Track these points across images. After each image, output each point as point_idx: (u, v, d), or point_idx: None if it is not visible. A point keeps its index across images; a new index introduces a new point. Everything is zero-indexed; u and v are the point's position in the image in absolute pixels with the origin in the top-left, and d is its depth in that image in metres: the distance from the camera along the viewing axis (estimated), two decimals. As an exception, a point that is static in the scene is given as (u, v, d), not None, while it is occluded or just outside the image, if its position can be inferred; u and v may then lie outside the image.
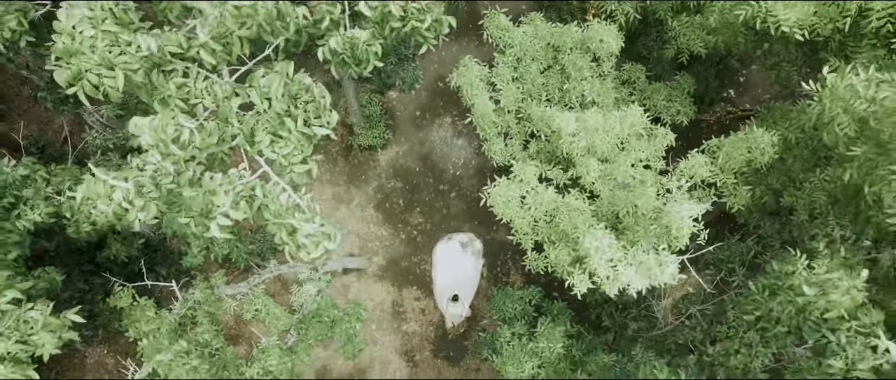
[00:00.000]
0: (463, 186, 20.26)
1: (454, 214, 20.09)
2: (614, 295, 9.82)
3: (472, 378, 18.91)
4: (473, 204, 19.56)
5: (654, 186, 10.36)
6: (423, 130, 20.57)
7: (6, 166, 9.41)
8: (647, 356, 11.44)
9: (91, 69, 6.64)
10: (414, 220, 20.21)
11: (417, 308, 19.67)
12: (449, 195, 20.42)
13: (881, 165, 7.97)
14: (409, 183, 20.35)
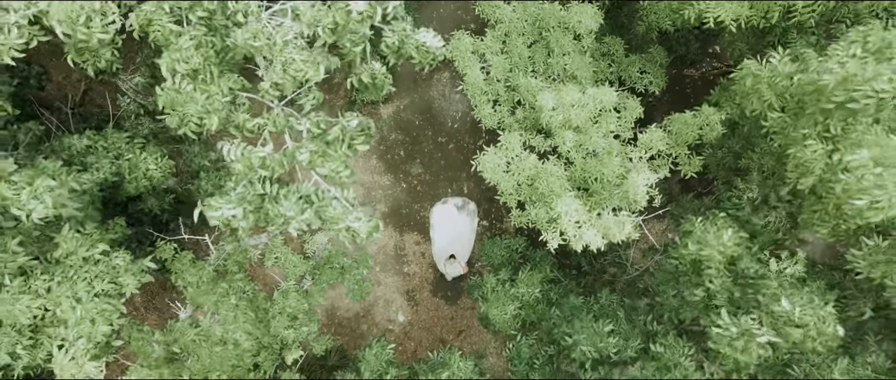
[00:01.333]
0: (460, 139, 22.48)
1: (452, 165, 22.40)
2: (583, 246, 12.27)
3: (466, 319, 21.66)
4: (470, 155, 21.81)
5: (619, 156, 12.67)
6: (422, 86, 22.63)
7: (75, 139, 11.73)
8: (610, 298, 13.99)
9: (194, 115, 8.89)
10: (414, 170, 22.55)
11: (417, 252, 22.25)
12: (447, 147, 22.68)
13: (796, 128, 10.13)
14: (409, 135, 22.56)
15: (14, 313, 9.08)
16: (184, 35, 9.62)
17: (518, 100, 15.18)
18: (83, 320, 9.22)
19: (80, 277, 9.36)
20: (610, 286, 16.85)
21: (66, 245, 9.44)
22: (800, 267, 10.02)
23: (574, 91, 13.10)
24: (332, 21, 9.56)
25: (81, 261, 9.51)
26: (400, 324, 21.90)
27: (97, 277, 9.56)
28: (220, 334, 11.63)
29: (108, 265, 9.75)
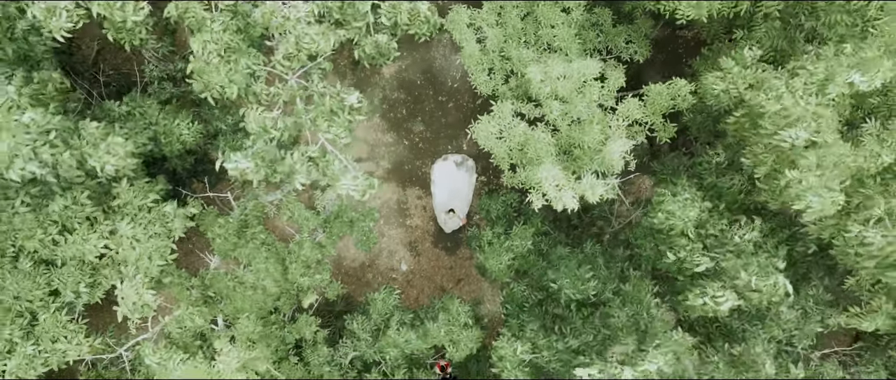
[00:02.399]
0: (460, 98, 24.46)
1: (452, 123, 24.44)
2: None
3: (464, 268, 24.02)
4: (469, 114, 23.83)
5: (600, 125, 14.73)
6: (423, 47, 24.48)
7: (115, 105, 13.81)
8: (594, 249, 16.25)
9: (217, 84, 10.93)
10: (416, 128, 24.61)
11: (419, 205, 24.50)
12: (447, 106, 24.68)
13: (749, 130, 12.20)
14: (411, 94, 24.52)
15: (83, 251, 11.36)
16: (215, 21, 11.64)
17: (511, 69, 17.13)
18: (141, 257, 11.51)
19: (136, 222, 11.62)
20: (597, 238, 19.13)
21: (125, 196, 11.71)
22: (756, 234, 12.22)
23: (560, 64, 15.06)
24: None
25: (137, 209, 11.77)
26: (403, 273, 24.32)
27: (150, 222, 11.82)
28: (251, 280, 13.95)
29: (159, 212, 12.01)
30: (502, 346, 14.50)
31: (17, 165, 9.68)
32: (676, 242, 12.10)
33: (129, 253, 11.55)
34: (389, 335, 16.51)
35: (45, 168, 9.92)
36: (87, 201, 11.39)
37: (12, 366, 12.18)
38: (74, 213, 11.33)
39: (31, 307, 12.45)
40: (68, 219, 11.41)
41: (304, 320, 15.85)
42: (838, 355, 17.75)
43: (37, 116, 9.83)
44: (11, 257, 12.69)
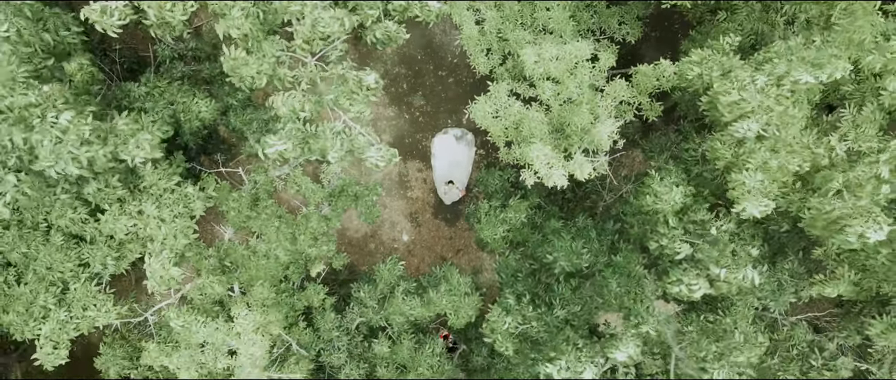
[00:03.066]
0: (459, 73, 25.68)
1: (452, 98, 25.71)
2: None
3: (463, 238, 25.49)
4: (468, 88, 25.10)
5: (589, 105, 16.01)
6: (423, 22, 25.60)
7: (136, 86, 15.10)
8: (586, 222, 17.63)
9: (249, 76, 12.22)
10: (417, 102, 25.89)
11: (420, 178, 25.89)
12: (447, 80, 25.92)
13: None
14: (412, 69, 25.74)
15: (114, 230, 12.79)
16: (235, 7, 12.88)
17: (508, 50, 18.36)
18: (168, 236, 12.94)
19: (162, 203, 13.03)
20: (590, 211, 20.52)
21: (150, 178, 13.10)
22: (732, 225, 13.60)
23: (553, 47, 16.29)
24: None
25: (161, 190, 13.17)
26: (404, 243, 25.81)
27: (174, 202, 13.22)
28: (264, 250, 15.39)
29: (181, 193, 13.42)
30: (494, 319, 15.94)
31: (58, 166, 11.10)
32: (660, 229, 13.48)
33: (155, 232, 12.98)
34: (396, 303, 17.95)
35: (82, 167, 11.30)
36: (118, 184, 12.80)
37: (47, 330, 13.69)
38: (106, 194, 12.72)
39: (62, 277, 13.92)
40: (101, 200, 12.81)
41: (312, 289, 17.33)
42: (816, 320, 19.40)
43: (73, 118, 11.17)
44: (43, 231, 14.12)
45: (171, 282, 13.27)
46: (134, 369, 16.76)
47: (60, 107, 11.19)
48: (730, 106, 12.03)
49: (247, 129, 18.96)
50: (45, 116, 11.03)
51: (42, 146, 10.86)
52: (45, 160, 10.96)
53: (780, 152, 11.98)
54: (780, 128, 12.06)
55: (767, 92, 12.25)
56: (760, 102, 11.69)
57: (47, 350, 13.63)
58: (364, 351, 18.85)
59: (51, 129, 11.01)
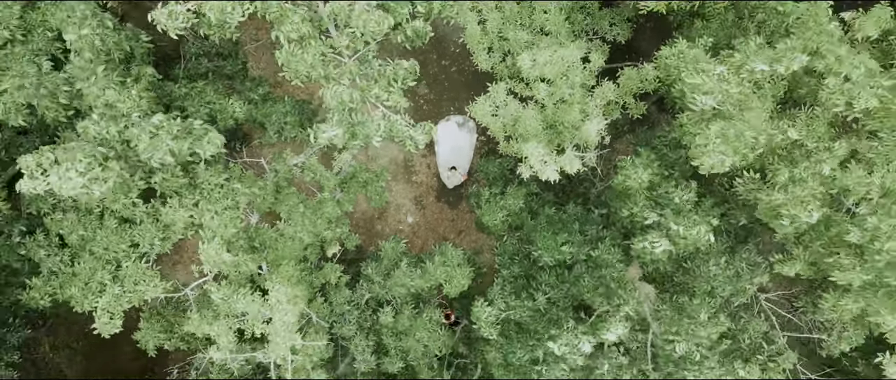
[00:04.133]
0: (462, 63, 28.28)
1: (454, 86, 28.36)
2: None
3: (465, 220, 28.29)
4: (470, 78, 27.72)
5: (580, 105, 18.71)
6: (428, 15, 28.17)
7: (176, 87, 17.76)
8: (576, 209, 20.40)
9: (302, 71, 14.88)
10: (421, 90, 28.53)
11: (424, 163, 28.63)
12: (450, 70, 28.56)
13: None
14: (416, 59, 28.27)
15: (174, 220, 15.59)
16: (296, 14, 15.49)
17: (508, 49, 21.00)
18: (220, 226, 15.74)
19: (213, 196, 15.82)
20: (582, 197, 23.30)
21: (203, 175, 15.86)
22: (692, 195, 16.38)
23: (547, 51, 18.94)
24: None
25: (212, 186, 15.95)
26: (409, 225, 28.63)
27: (223, 196, 16.00)
28: (291, 233, 18.20)
29: (229, 188, 16.18)
30: (479, 309, 18.66)
31: (156, 156, 13.96)
32: (632, 198, 16.30)
33: (209, 222, 15.77)
34: (397, 275, 20.74)
35: (170, 157, 14.12)
36: (180, 173, 15.61)
37: (103, 303, 16.52)
38: (170, 183, 15.54)
39: (116, 256, 16.72)
40: (166, 188, 15.64)
41: (329, 267, 20.17)
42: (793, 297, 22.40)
43: (163, 118, 14.03)
44: (97, 216, 16.90)
45: (223, 265, 16.10)
46: (168, 340, 19.65)
47: (145, 107, 14.01)
48: (692, 87, 14.71)
49: (267, 121, 21.73)
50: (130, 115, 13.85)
51: (140, 140, 13.69)
52: (145, 152, 13.82)
53: (736, 124, 14.65)
54: (737, 108, 14.78)
55: (727, 79, 14.86)
56: (717, 85, 14.36)
57: (105, 320, 16.47)
58: (373, 324, 21.72)
59: (146, 125, 13.84)
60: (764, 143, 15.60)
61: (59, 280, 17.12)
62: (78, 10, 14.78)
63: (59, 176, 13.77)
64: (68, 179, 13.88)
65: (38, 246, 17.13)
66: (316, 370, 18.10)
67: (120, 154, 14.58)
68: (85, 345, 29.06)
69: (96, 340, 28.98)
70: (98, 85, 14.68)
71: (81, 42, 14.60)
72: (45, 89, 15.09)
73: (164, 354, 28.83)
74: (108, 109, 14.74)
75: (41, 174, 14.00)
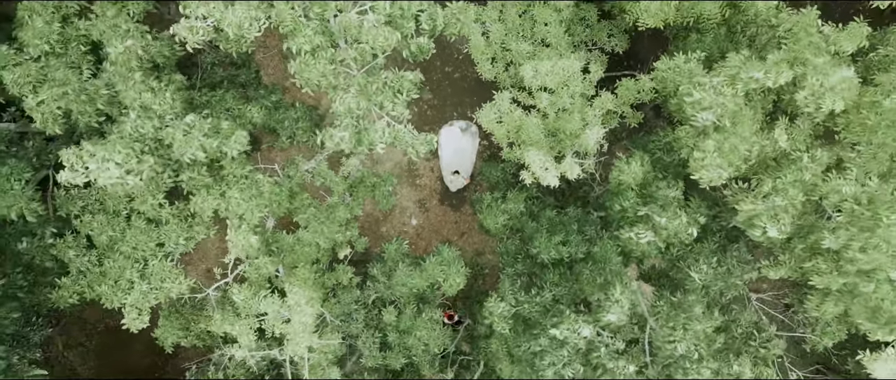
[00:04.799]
0: (465, 70, 29.88)
1: (458, 92, 29.95)
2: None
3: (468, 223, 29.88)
4: (473, 84, 29.30)
5: (580, 114, 20.28)
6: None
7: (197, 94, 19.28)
8: (576, 211, 21.97)
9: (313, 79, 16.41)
10: (425, 96, 30.12)
11: (427, 167, 30.21)
12: (454, 76, 30.15)
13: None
14: (420, 65, 29.90)
15: (203, 208, 17.16)
16: (309, 27, 17.02)
17: (511, 59, 22.58)
18: (246, 212, 17.30)
19: (239, 185, 17.40)
20: (583, 200, 24.89)
21: (229, 168, 17.43)
22: (678, 193, 17.99)
23: (548, 63, 20.49)
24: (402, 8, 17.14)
25: (238, 177, 17.53)
26: (413, 227, 30.21)
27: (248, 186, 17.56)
28: (308, 238, 19.75)
29: (253, 179, 17.74)
30: (491, 304, 20.23)
31: (188, 152, 15.58)
32: (624, 194, 17.93)
33: (237, 208, 17.36)
34: (398, 275, 22.26)
35: (202, 152, 15.73)
36: (206, 173, 17.18)
37: (132, 299, 18.05)
38: (196, 182, 17.12)
39: (144, 255, 18.25)
40: (192, 186, 17.22)
41: (341, 269, 21.74)
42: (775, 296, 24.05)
43: (195, 118, 15.64)
44: (125, 217, 18.44)
45: (251, 250, 17.71)
46: (185, 338, 21.17)
47: (177, 109, 15.67)
48: (693, 104, 16.29)
49: (279, 127, 23.27)
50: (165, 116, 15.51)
51: (174, 138, 15.32)
52: (179, 148, 15.42)
53: (730, 138, 16.23)
54: (732, 121, 16.35)
55: (723, 91, 16.41)
56: (715, 99, 15.92)
57: (133, 316, 18.02)
58: (378, 322, 23.24)
59: (180, 124, 15.46)
60: (755, 154, 17.18)
61: (87, 279, 18.63)
62: (121, 23, 16.42)
63: (98, 166, 15.34)
64: (106, 170, 15.45)
65: (67, 247, 18.64)
66: (331, 368, 19.63)
67: (152, 151, 16.15)
68: (97, 343, 30.61)
69: (108, 339, 30.68)
70: (136, 89, 16.27)
71: (123, 52, 16.20)
72: (85, 95, 16.65)
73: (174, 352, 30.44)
74: (143, 110, 16.30)
75: (81, 167, 15.56)
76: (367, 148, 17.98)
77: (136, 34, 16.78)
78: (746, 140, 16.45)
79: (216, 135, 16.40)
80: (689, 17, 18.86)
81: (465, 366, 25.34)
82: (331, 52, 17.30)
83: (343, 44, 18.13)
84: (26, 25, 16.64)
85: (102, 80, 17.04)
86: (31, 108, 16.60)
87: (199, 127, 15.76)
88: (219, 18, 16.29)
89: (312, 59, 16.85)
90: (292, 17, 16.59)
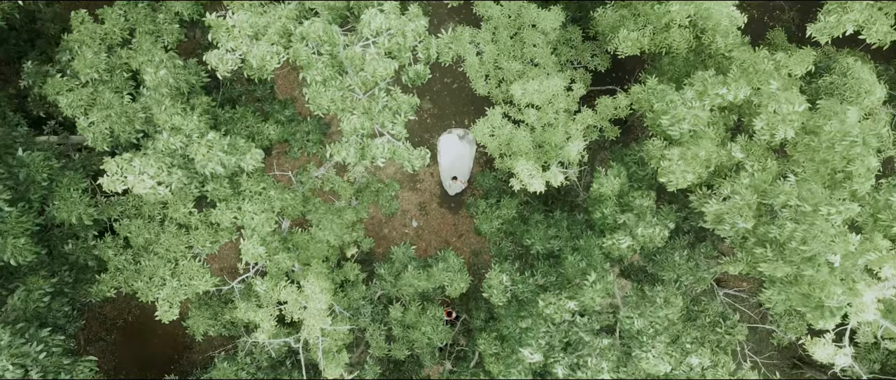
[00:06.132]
0: (463, 81, 33.24)
1: (456, 102, 33.31)
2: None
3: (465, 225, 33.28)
4: (470, 95, 32.67)
5: (563, 128, 23.63)
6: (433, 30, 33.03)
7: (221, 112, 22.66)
8: (562, 215, 25.35)
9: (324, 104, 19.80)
10: (426, 106, 33.48)
11: (427, 172, 33.60)
12: (452, 87, 33.51)
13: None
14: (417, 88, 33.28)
15: (222, 219, 20.56)
16: (319, 61, 20.38)
17: (502, 77, 25.93)
18: (257, 225, 20.68)
19: (253, 201, 20.77)
20: (569, 205, 28.28)
21: (245, 184, 20.82)
22: (651, 202, 21.34)
23: (535, 83, 23.84)
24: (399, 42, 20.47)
25: (251, 192, 20.90)
26: (414, 228, 33.61)
27: (261, 201, 20.94)
28: (320, 236, 23.17)
29: (266, 195, 21.11)
30: (492, 276, 23.61)
31: (209, 166, 18.92)
32: (604, 203, 21.30)
33: (249, 222, 20.73)
34: (407, 277, 25.67)
35: (221, 167, 19.10)
36: (227, 184, 20.56)
37: (164, 294, 21.46)
38: (219, 193, 20.51)
39: (175, 256, 21.67)
40: (215, 196, 20.61)
41: (349, 266, 25.15)
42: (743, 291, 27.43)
43: (216, 136, 18.97)
44: (158, 221, 21.85)
45: (259, 258, 21.07)
46: (212, 327, 24.59)
47: (203, 129, 19.02)
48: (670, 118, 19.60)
49: (292, 139, 26.66)
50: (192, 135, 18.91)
51: (198, 153, 18.70)
52: (201, 162, 18.79)
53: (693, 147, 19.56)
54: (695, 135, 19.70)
55: (692, 104, 19.69)
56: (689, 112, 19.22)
57: (165, 308, 21.42)
58: (384, 317, 26.65)
59: (203, 142, 18.82)
60: (715, 162, 20.49)
61: (124, 276, 22.04)
62: (156, 54, 19.82)
63: (135, 176, 18.72)
64: (142, 180, 18.85)
65: (107, 247, 22.04)
66: (341, 352, 23.08)
67: (181, 166, 19.57)
68: (116, 337, 34.10)
69: (127, 333, 34.19)
70: (167, 112, 19.63)
71: (157, 80, 19.59)
72: (125, 117, 20.04)
73: (188, 346, 33.99)
74: (174, 131, 19.67)
75: (120, 176, 18.94)
76: (370, 162, 21.40)
77: (169, 63, 20.18)
78: (707, 150, 19.76)
79: (235, 152, 19.79)
80: (661, 47, 22.19)
81: (461, 357, 28.76)
82: (339, 80, 20.69)
83: (350, 71, 21.54)
84: (79, 56, 20.05)
85: (140, 104, 20.44)
86: (83, 128, 20.04)
87: (219, 144, 19.11)
88: (245, 52, 19.70)
89: (323, 88, 20.24)
90: (306, 53, 19.97)
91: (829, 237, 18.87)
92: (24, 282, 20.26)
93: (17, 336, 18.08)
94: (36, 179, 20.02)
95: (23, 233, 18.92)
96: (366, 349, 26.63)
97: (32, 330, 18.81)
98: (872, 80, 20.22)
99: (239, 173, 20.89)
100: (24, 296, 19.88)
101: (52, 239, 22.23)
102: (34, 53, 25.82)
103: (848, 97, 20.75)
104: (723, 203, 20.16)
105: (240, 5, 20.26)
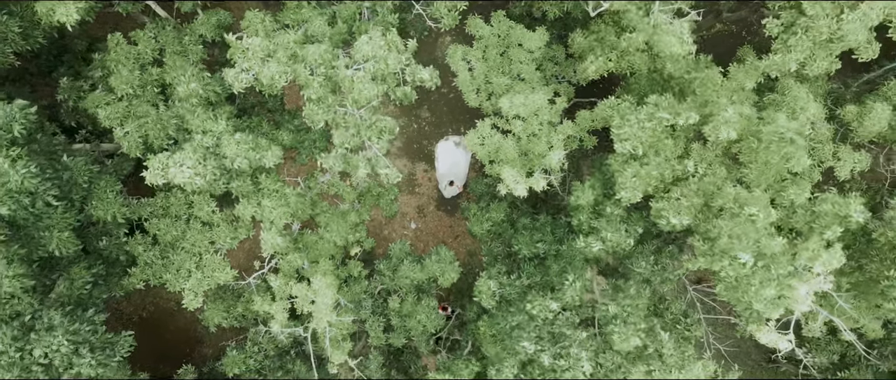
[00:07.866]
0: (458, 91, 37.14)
1: (453, 110, 37.31)
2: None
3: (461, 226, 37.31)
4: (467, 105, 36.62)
5: (546, 137, 27.60)
6: (430, 47, 37.17)
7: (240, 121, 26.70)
8: (546, 219, 29.31)
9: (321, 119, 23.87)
10: (423, 114, 37.51)
11: (425, 177, 37.63)
12: (449, 96, 37.55)
13: None
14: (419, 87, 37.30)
15: (244, 213, 24.60)
16: (315, 81, 24.44)
17: (492, 91, 29.93)
18: (275, 218, 24.72)
19: (272, 196, 24.83)
20: (555, 208, 32.26)
21: (264, 183, 24.88)
22: (620, 210, 25.29)
23: (521, 97, 27.82)
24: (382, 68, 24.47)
25: (270, 189, 24.96)
26: (412, 230, 37.63)
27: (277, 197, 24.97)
28: (328, 237, 27.20)
29: (282, 193, 25.16)
30: (482, 282, 27.59)
31: (237, 161, 22.97)
32: (581, 211, 25.25)
33: (268, 215, 24.79)
34: (402, 270, 29.63)
35: (246, 162, 23.14)
36: (249, 180, 24.60)
37: (190, 284, 25.48)
38: (242, 188, 24.58)
39: (199, 250, 25.69)
40: (239, 192, 24.68)
41: (352, 264, 29.18)
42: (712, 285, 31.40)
43: (242, 136, 23.02)
44: (184, 220, 25.90)
45: (277, 247, 25.12)
46: (226, 319, 28.62)
47: (230, 130, 23.14)
48: (617, 136, 23.54)
49: (299, 146, 30.74)
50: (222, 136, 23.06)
51: (228, 148, 22.87)
52: (230, 156, 22.87)
53: (646, 166, 23.46)
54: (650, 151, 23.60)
55: (643, 125, 23.57)
56: (634, 132, 23.09)
57: (191, 297, 25.42)
58: (383, 309, 30.65)
59: (232, 140, 22.88)
60: (668, 176, 24.44)
61: (153, 269, 26.07)
62: (187, 69, 23.96)
63: (175, 169, 22.75)
64: (182, 171, 22.88)
65: (137, 244, 26.08)
66: (345, 341, 27.10)
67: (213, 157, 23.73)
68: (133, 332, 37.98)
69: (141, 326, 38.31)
70: (199, 118, 23.73)
71: (189, 91, 23.70)
72: (160, 124, 24.11)
73: (199, 339, 38.07)
74: (204, 134, 23.73)
75: (162, 170, 22.95)
76: (352, 171, 25.53)
77: (198, 77, 24.29)
78: (660, 166, 23.71)
79: (258, 149, 23.87)
80: (625, 69, 26.21)
81: (456, 347, 32.78)
82: (331, 98, 24.78)
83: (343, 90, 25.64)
84: (115, 74, 24.14)
85: (172, 113, 24.53)
86: (120, 137, 24.14)
87: (245, 142, 23.20)
88: (257, 72, 23.81)
89: (317, 106, 24.33)
90: (304, 74, 24.07)
91: (753, 238, 22.73)
92: (67, 272, 24.29)
93: (68, 318, 22.08)
94: (78, 182, 24.09)
95: (66, 227, 22.96)
96: (367, 341, 30.66)
97: (80, 312, 22.81)
98: (807, 98, 24.16)
99: (260, 172, 24.98)
100: (68, 284, 23.92)
101: (88, 236, 26.28)
102: (63, 68, 29.94)
103: (787, 112, 24.75)
104: (667, 202, 24.06)
105: (254, 31, 24.41)
